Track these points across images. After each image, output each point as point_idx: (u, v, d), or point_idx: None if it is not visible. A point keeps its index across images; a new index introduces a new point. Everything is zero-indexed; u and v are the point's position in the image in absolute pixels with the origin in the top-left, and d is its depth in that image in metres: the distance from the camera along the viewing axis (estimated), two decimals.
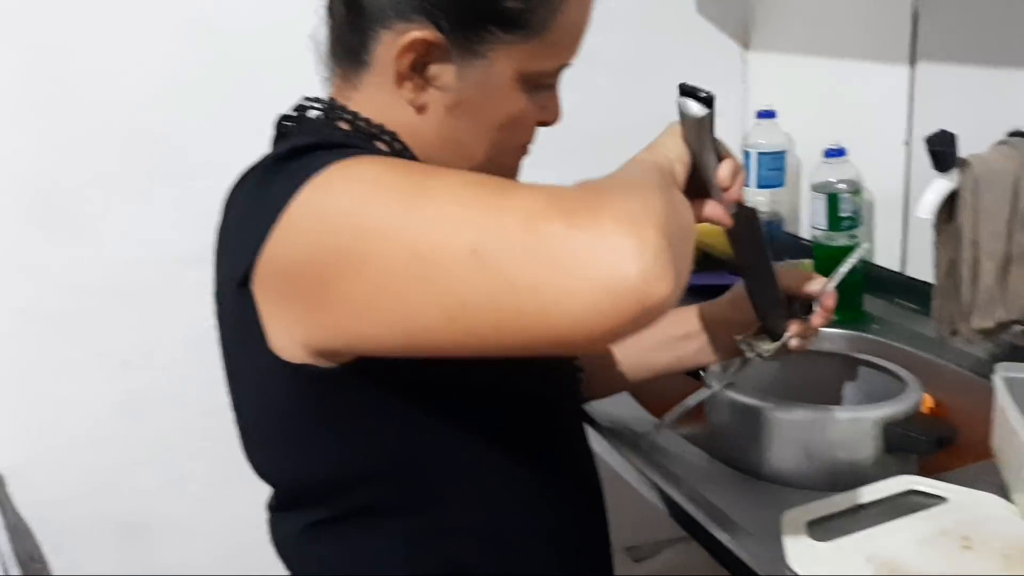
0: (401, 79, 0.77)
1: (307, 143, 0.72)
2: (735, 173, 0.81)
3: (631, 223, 0.58)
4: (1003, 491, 0.91)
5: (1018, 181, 1.14)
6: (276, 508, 0.86)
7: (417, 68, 0.77)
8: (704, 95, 0.77)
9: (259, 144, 0.86)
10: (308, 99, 0.84)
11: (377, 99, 0.80)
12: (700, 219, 0.82)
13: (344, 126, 0.80)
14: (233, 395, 0.83)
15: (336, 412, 0.74)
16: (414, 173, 0.67)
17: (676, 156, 0.77)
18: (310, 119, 0.82)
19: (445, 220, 0.62)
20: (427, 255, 0.61)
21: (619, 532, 1.00)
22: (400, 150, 0.80)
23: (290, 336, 0.70)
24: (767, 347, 0.94)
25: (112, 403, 1.48)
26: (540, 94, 0.82)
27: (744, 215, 0.84)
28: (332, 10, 0.82)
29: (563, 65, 0.82)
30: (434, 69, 0.77)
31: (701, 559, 1.18)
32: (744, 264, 0.91)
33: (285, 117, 0.84)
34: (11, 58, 1.34)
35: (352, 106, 0.81)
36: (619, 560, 1.84)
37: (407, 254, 0.62)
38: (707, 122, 0.78)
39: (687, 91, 0.78)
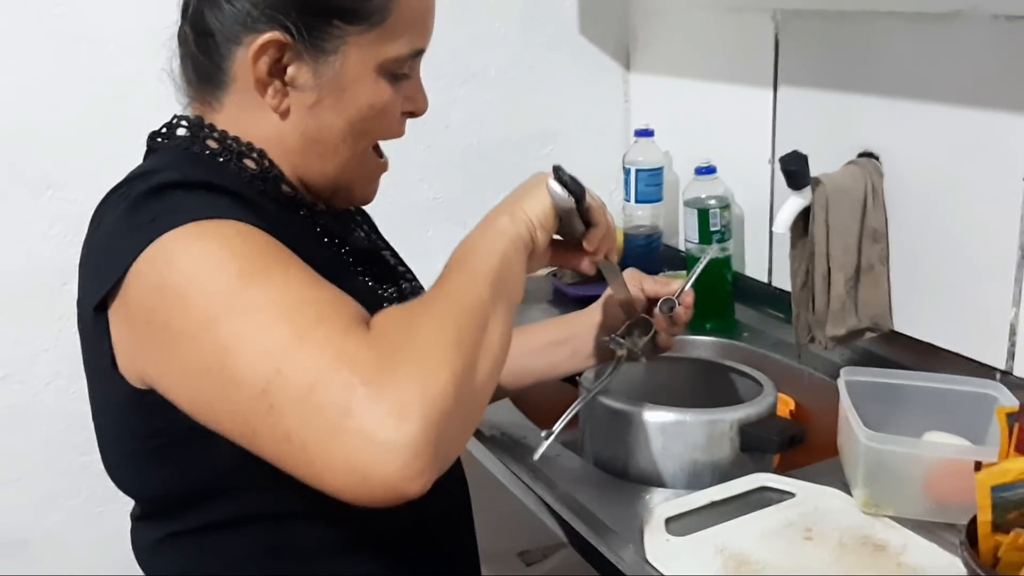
0: (262, 86, 0.81)
1: (175, 180, 0.75)
2: (601, 239, 0.88)
3: (400, 415, 0.63)
4: (845, 486, 0.98)
5: (865, 198, 1.23)
6: (137, 517, 0.88)
7: (274, 73, 0.81)
8: (572, 185, 0.82)
9: (131, 157, 0.87)
10: (178, 117, 0.86)
11: (241, 115, 0.84)
12: (567, 265, 0.91)
13: (212, 144, 0.83)
14: (92, 410, 0.85)
15: (177, 435, 0.76)
16: (243, 271, 0.70)
17: (539, 223, 0.82)
18: (180, 137, 0.85)
19: (250, 346, 0.67)
20: (228, 374, 0.67)
21: (511, 538, 1.03)
22: (266, 167, 0.84)
23: (129, 365, 0.75)
24: (636, 341, 1.01)
25: None
26: (402, 84, 0.86)
27: (607, 266, 0.93)
28: (183, 40, 0.86)
29: (416, 50, 0.86)
30: (291, 71, 0.81)
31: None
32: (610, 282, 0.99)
33: (156, 134, 0.87)
34: None
35: (219, 125, 0.84)
36: (511, 565, 1.88)
37: (213, 363, 0.68)
38: (574, 210, 0.84)
39: (558, 176, 0.83)
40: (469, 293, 0.74)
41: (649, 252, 1.58)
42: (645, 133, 1.59)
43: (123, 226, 0.75)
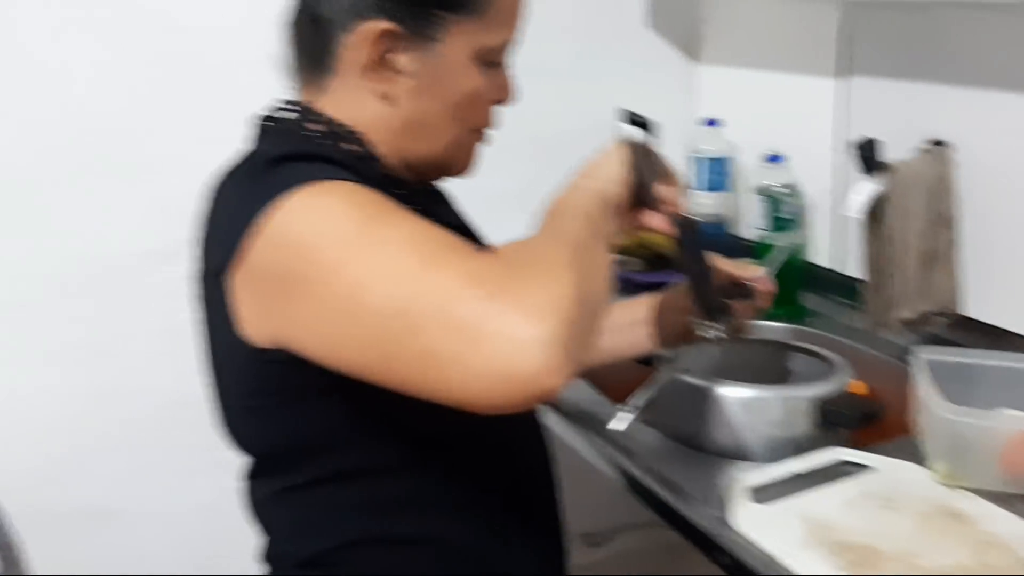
0: (367, 72, 0.86)
1: (291, 152, 0.81)
2: (674, 190, 0.91)
3: (538, 316, 0.67)
4: (921, 461, 1.01)
5: (938, 185, 1.26)
6: (251, 475, 0.93)
7: (381, 60, 0.86)
8: (641, 121, 0.86)
9: (221, 143, 0.92)
10: (285, 101, 0.91)
11: (345, 99, 0.88)
12: (643, 227, 0.94)
13: (316, 127, 0.88)
14: (211, 371, 0.91)
15: (298, 390, 0.81)
16: (368, 217, 0.75)
17: (617, 179, 0.87)
18: (286, 120, 0.90)
19: (382, 276, 0.71)
20: (363, 305, 0.71)
21: (576, 519, 1.07)
22: (365, 150, 0.88)
23: (255, 326, 0.80)
24: (719, 325, 1.04)
25: (83, 392, 1.52)
26: (492, 73, 0.91)
27: (684, 223, 0.95)
28: (294, 25, 0.91)
29: (508, 41, 0.91)
30: (396, 59, 0.86)
31: (654, 543, 1.26)
32: (684, 261, 1.01)
33: (263, 117, 0.92)
34: None
35: (325, 108, 0.89)
36: (575, 546, 1.93)
37: (346, 298, 0.72)
38: (646, 147, 0.87)
39: (628, 117, 0.86)
40: (570, 230, 0.79)
41: (715, 240, 1.61)
42: (712, 123, 1.62)
43: (243, 195, 0.81)
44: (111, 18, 1.42)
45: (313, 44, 0.88)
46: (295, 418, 0.83)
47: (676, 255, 1.01)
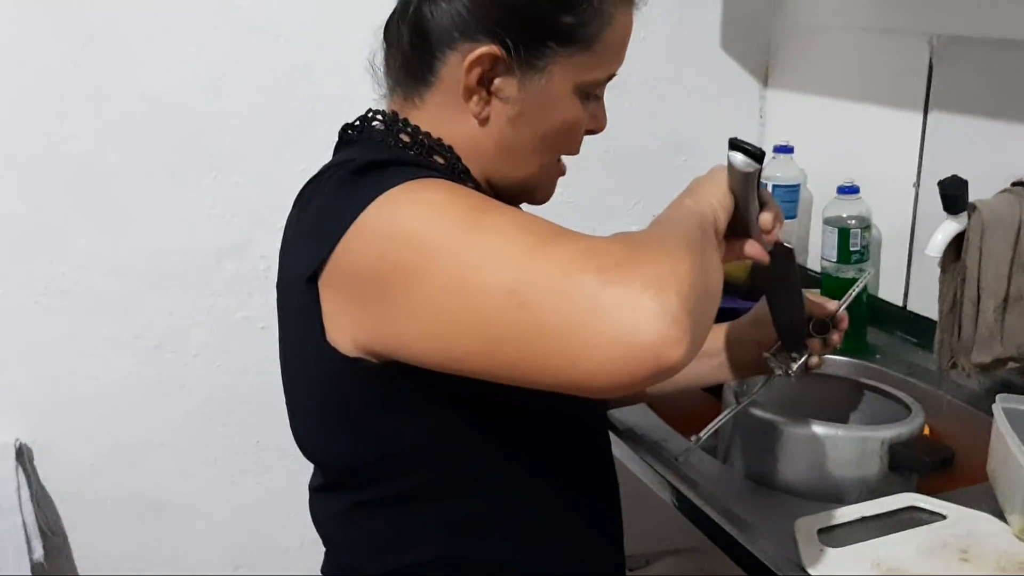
0: (469, 93, 0.84)
1: (383, 159, 0.80)
2: (776, 219, 0.89)
3: (657, 287, 0.64)
4: (997, 512, 0.98)
5: (1020, 227, 1.22)
6: (320, 488, 0.92)
7: (483, 82, 0.84)
8: (753, 150, 0.83)
9: (293, 145, 0.91)
10: (373, 111, 0.90)
11: (440, 115, 0.87)
12: (740, 256, 0.90)
13: (405, 138, 0.87)
14: (286, 379, 0.89)
15: (382, 402, 0.80)
16: (473, 206, 0.74)
17: (720, 204, 0.84)
18: (374, 129, 0.89)
19: (493, 258, 0.69)
20: (473, 287, 0.69)
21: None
22: (455, 163, 0.87)
23: (346, 333, 0.77)
24: (794, 362, 1.02)
25: (142, 385, 1.53)
26: (590, 103, 0.90)
27: (781, 252, 0.93)
28: (393, 36, 0.89)
29: (611, 74, 0.89)
30: (498, 83, 0.84)
31: (692, 571, 1.24)
32: (774, 292, 0.99)
33: (349, 126, 0.91)
34: (67, 46, 1.39)
35: (413, 121, 0.88)
36: None
37: (456, 282, 0.69)
38: (755, 175, 0.84)
39: (737, 145, 0.83)
40: (683, 230, 0.76)
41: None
42: (784, 149, 1.60)
43: (333, 201, 0.79)
44: (191, 15, 1.44)
45: (414, 56, 0.87)
46: (375, 432, 0.82)
47: (765, 284, 0.98)
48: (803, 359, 1.02)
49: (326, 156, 0.92)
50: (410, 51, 0.87)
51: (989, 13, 1.30)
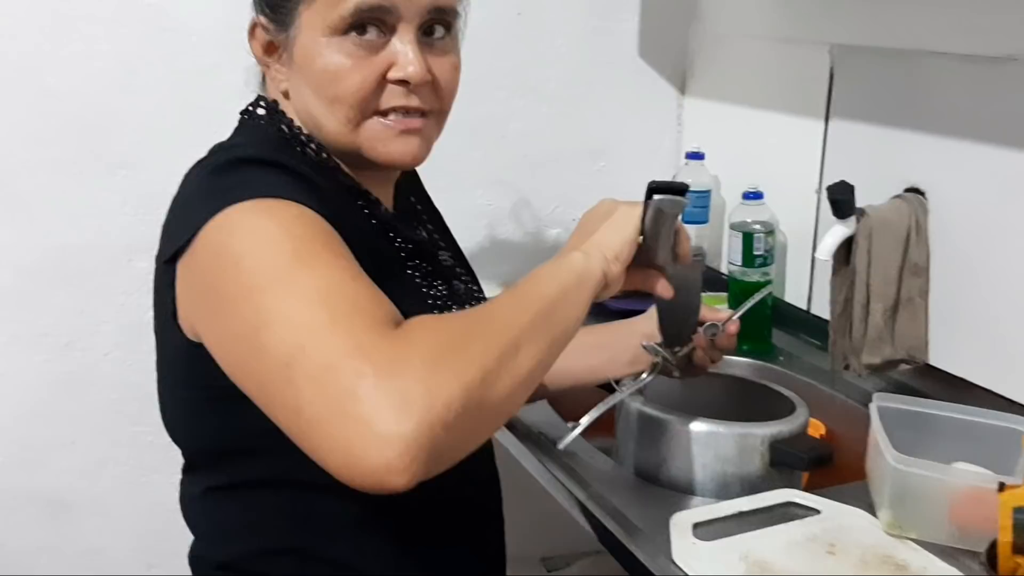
0: (264, 67, 0.91)
1: (256, 156, 0.82)
2: (686, 244, 0.93)
3: (400, 410, 0.64)
4: (872, 507, 1.01)
5: (909, 232, 1.26)
6: (184, 471, 0.94)
7: (268, 53, 0.90)
8: (677, 186, 0.83)
9: (203, 143, 0.92)
10: (259, 97, 0.95)
11: (274, 93, 0.93)
12: (648, 290, 0.94)
13: (284, 129, 0.91)
14: (156, 361, 0.91)
15: (220, 389, 0.79)
16: (297, 251, 0.74)
17: (617, 255, 0.84)
18: (259, 116, 0.93)
19: (283, 321, 0.71)
20: (259, 343, 0.71)
21: (535, 542, 1.07)
22: (325, 158, 0.90)
23: (186, 319, 0.81)
24: (673, 351, 1.05)
25: (51, 383, 1.52)
26: (371, 48, 0.85)
27: (691, 266, 0.96)
28: None
29: (359, 7, 0.84)
30: (273, 51, 0.90)
31: (612, 571, 1.25)
32: (675, 298, 0.98)
33: (243, 111, 0.94)
34: None
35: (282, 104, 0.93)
36: (534, 569, 1.92)
37: (249, 330, 0.72)
38: (662, 211, 0.85)
39: (657, 188, 0.83)
40: (510, 315, 0.76)
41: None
42: (696, 156, 1.63)
43: (201, 191, 0.82)
44: (96, 12, 1.43)
45: None
46: (221, 417, 0.83)
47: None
48: (685, 349, 1.05)
49: None
50: None
51: (885, 23, 1.34)
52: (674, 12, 1.76)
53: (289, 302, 0.71)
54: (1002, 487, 0.78)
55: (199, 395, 0.83)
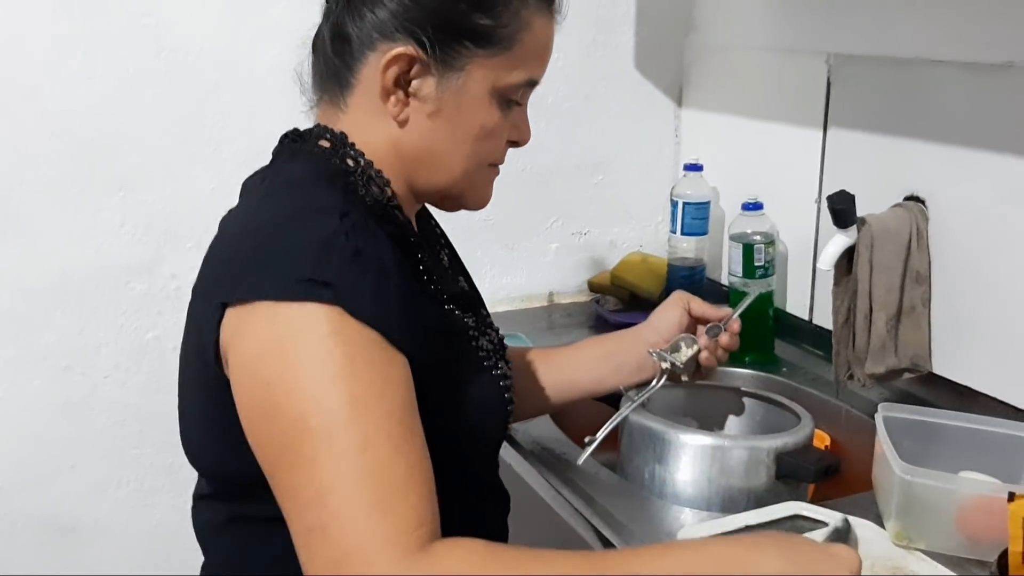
0: (386, 94, 0.86)
1: (353, 248, 0.77)
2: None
3: None
4: (879, 518, 1.00)
5: (910, 240, 1.26)
6: (203, 497, 0.92)
7: (400, 83, 0.86)
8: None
9: (202, 164, 0.92)
10: (320, 126, 0.90)
11: (362, 118, 0.88)
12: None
13: (350, 163, 0.87)
14: (181, 380, 0.90)
15: None
16: (357, 399, 0.72)
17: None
18: (321, 148, 0.89)
19: (320, 486, 0.70)
20: (294, 481, 0.72)
21: None
22: (390, 197, 0.87)
23: (227, 363, 0.79)
24: (679, 356, 1.05)
25: (50, 405, 1.51)
26: (511, 112, 0.90)
27: None
28: (318, 42, 0.91)
29: (531, 80, 0.90)
30: (416, 84, 0.86)
31: None
32: None
33: (293, 137, 0.92)
34: None
35: (338, 126, 0.89)
36: None
37: (286, 450, 0.73)
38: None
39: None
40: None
41: (692, 284, 1.61)
42: (694, 167, 1.63)
43: (280, 244, 0.78)
44: (96, 34, 1.43)
45: (336, 60, 0.89)
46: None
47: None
48: (691, 352, 1.05)
49: (236, 174, 0.93)
50: (332, 56, 0.89)
51: (881, 32, 1.34)
52: (670, 24, 1.76)
53: (328, 466, 0.71)
54: (1012, 496, 0.78)
55: (234, 430, 0.81)
